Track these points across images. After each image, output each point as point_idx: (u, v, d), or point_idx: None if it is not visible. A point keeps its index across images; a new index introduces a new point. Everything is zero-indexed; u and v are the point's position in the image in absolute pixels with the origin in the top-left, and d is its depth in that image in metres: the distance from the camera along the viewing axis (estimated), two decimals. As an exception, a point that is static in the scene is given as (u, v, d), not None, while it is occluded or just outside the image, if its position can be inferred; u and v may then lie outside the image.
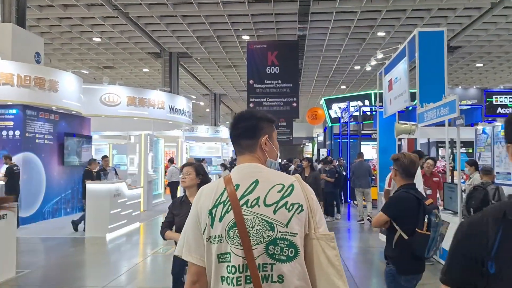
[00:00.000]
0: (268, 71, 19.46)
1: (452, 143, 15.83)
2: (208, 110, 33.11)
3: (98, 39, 20.75)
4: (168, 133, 21.78)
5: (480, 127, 10.35)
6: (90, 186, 9.49)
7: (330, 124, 21.94)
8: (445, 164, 11.63)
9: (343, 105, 20.52)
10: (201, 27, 19.02)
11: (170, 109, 14.26)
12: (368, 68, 13.30)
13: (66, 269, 7.21)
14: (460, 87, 20.03)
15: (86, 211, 9.55)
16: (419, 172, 6.98)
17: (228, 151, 28.22)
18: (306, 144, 36.30)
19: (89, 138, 13.51)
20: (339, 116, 21.66)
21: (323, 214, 2.03)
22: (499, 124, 9.81)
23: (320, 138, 27.30)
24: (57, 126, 12.23)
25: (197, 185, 3.97)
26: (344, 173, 13.67)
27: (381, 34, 19.31)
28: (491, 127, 9.79)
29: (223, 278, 1.61)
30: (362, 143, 21.79)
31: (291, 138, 29.13)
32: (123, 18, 17.70)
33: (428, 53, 7.85)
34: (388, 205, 3.63)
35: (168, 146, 21.44)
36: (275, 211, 1.63)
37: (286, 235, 1.61)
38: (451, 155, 12.45)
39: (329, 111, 21.73)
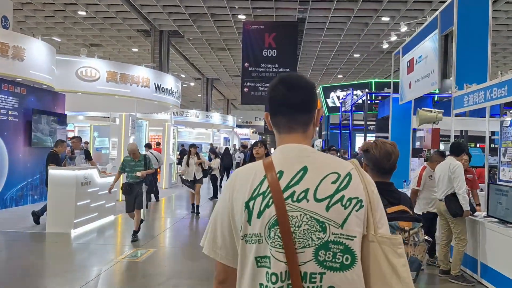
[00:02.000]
0: (265, 54, 17.75)
1: (460, 136, 14.31)
2: (199, 95, 31.27)
3: (83, 13, 18.79)
4: (155, 116, 19.98)
5: (508, 118, 8.77)
6: (53, 172, 7.74)
7: (327, 114, 20.32)
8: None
9: (342, 94, 18.88)
10: (195, 3, 17.18)
11: (156, 87, 12.46)
12: (385, 46, 11.60)
13: (14, 274, 5.53)
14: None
15: (48, 202, 7.82)
16: (460, 171, 5.38)
17: (219, 138, 26.42)
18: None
19: (63, 117, 11.68)
20: (337, 105, 20.04)
21: None
22: (534, 115, 8.25)
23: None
24: (24, 101, 10.39)
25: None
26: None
27: (385, 19, 17.64)
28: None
29: (262, 286, 1.28)
30: (356, 134, 20.29)
31: (284, 127, 27.60)
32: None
33: (468, 23, 6.20)
34: None
35: (154, 131, 19.63)
36: (328, 208, 1.26)
37: (341, 237, 1.26)
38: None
39: (327, 100, 20.09)
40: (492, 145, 17.80)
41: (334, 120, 21.35)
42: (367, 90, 11.60)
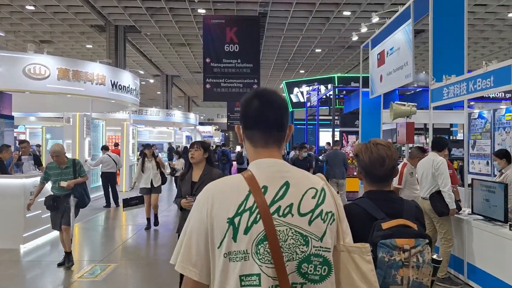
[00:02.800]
0: (227, 49, 17.10)
1: (425, 130, 14.31)
2: (159, 93, 30.17)
3: (32, 7, 17.42)
4: (113, 116, 18.91)
5: (476, 110, 8.65)
6: (-3, 181, 6.84)
7: (291, 109, 19.94)
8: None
9: (307, 89, 18.54)
10: (151, -5, 16.30)
11: (112, 85, 11.56)
12: (355, 38, 11.20)
13: None
14: (424, 72, 18.65)
15: (-8, 215, 6.91)
16: (444, 167, 5.03)
17: (181, 136, 25.54)
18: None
19: (10, 119, 10.60)
20: (301, 100, 19.71)
21: None
22: (503, 107, 8.13)
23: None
24: (-36, 102, 9.31)
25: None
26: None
27: (346, 13, 17.45)
28: (491, 110, 8.08)
29: None
30: (320, 129, 20.07)
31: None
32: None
33: (444, 12, 5.87)
34: None
35: (112, 131, 18.57)
36: (310, 222, 1.31)
37: (320, 250, 1.31)
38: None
39: (290, 95, 19.72)
40: (452, 137, 18.10)
41: (298, 116, 21.03)
42: (334, 85, 11.23)
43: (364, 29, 10.27)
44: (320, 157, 11.56)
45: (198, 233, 1.32)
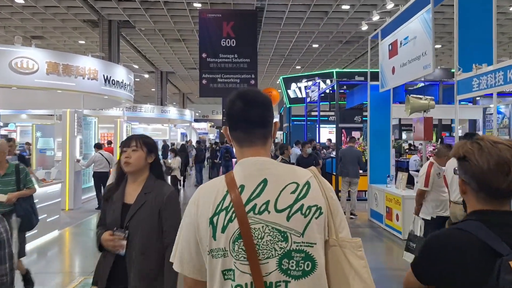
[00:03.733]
0: (223, 43, 16.37)
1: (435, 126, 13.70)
2: (153, 89, 29.34)
3: (22, 1, 16.55)
4: (106, 113, 18.11)
5: (492, 105, 8.03)
6: (-24, 184, 6.10)
7: (288, 105, 19.27)
8: (434, 149, 9.36)
9: (306, 84, 17.85)
10: (146, -11, 15.53)
11: (105, 80, 10.80)
12: (364, 28, 10.43)
13: None
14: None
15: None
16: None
17: (176, 133, 24.74)
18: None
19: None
20: (299, 96, 19.03)
21: None
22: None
23: (276, 120, 24.55)
24: None
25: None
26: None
27: (345, 7, 16.77)
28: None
29: None
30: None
31: (242, 120, 26.38)
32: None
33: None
34: (420, 256, 1.41)
35: (106, 128, 17.76)
36: (288, 218, 1.29)
37: (302, 245, 1.28)
38: (439, 140, 10.19)
39: (288, 91, 19.04)
40: (452, 134, 17.50)
41: (295, 112, 20.36)
42: (337, 79, 10.57)
43: (376, 17, 9.54)
44: (330, 155, 10.82)
45: (188, 233, 1.36)
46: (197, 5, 16.89)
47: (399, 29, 7.14)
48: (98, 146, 10.65)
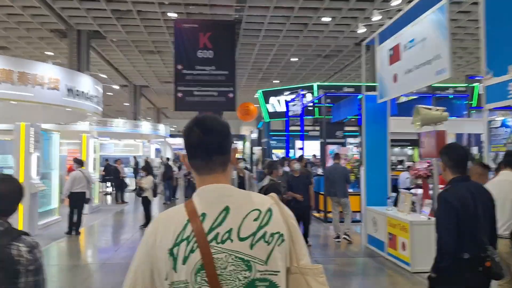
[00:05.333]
0: (200, 55, 15.28)
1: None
2: (127, 104, 27.79)
3: (-20, 8, 15.08)
4: (74, 127, 16.57)
5: (498, 118, 7.16)
6: None
7: (267, 120, 18.22)
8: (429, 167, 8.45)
9: (286, 98, 16.89)
10: (117, -3, 14.30)
11: (68, 90, 9.44)
12: (362, 30, 9.36)
13: None
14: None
15: None
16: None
17: (149, 149, 23.23)
18: (234, 142, 32.09)
19: None
20: (279, 110, 18.03)
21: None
22: (534, 113, 6.68)
23: (254, 135, 23.47)
24: None
25: None
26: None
27: (326, 19, 16.01)
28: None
29: None
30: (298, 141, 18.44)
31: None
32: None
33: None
34: None
35: (73, 144, 16.18)
36: (252, 246, 1.24)
37: (266, 274, 1.24)
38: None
39: (267, 105, 18.02)
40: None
41: (274, 127, 19.33)
42: (324, 90, 9.60)
43: (376, 17, 8.50)
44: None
45: (144, 264, 1.28)
46: (173, 15, 15.77)
47: (402, 31, 6.19)
48: (78, 162, 9.32)
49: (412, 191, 11.66)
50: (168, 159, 17.19)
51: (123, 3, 14.86)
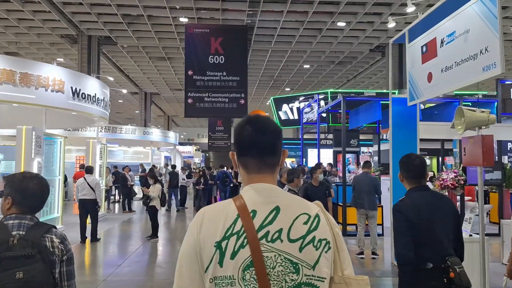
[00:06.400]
0: (211, 60, 14.68)
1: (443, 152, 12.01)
2: (137, 111, 27.31)
3: (-9, 13, 14.70)
4: (83, 134, 16.02)
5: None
6: None
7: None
8: (455, 177, 7.69)
9: (299, 105, 16.21)
10: (128, 1, 13.81)
11: (73, 93, 8.84)
12: (391, 25, 8.56)
13: None
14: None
15: None
16: None
17: (159, 157, 22.59)
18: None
19: None
20: (290, 117, 17.35)
21: None
22: None
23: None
24: None
25: None
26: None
27: (341, 24, 15.36)
28: None
29: None
30: (310, 149, 17.69)
31: (228, 144, 24.51)
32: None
33: None
34: None
35: (83, 151, 15.62)
36: (301, 249, 1.22)
37: (312, 279, 1.21)
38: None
39: (279, 112, 17.33)
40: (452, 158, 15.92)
41: (286, 135, 18.61)
42: (343, 94, 8.88)
43: (410, 8, 7.72)
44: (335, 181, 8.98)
45: (189, 257, 1.25)
46: (184, 19, 15.24)
47: (439, 25, 5.46)
48: (88, 171, 9.03)
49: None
50: (173, 166, 16.51)
51: (134, 8, 14.39)
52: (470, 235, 5.27)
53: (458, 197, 8.68)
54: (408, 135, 6.79)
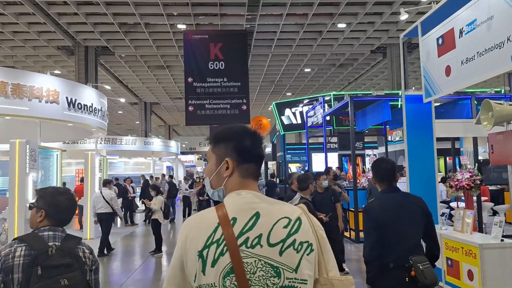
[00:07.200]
0: (211, 66, 14.28)
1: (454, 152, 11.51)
2: (138, 122, 26.91)
3: (-15, 26, 14.37)
4: (83, 147, 15.59)
5: None
6: None
7: (282, 132, 17.06)
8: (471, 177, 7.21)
9: (300, 108, 15.79)
10: (124, 9, 13.47)
11: (69, 103, 8.42)
12: (403, 17, 8.14)
13: None
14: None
15: None
16: None
17: (161, 167, 22.14)
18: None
19: None
20: (294, 122, 16.91)
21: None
22: None
23: (268, 150, 22.27)
24: None
25: None
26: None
27: (341, 25, 14.99)
28: None
29: None
30: (314, 153, 17.22)
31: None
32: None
33: None
34: None
35: (82, 164, 15.16)
36: (281, 252, 1.23)
37: (295, 282, 1.23)
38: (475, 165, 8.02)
39: (281, 117, 16.90)
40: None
41: (289, 140, 18.18)
42: (350, 95, 8.45)
43: (404, 15, 7.39)
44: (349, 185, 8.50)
45: (176, 267, 1.29)
46: (182, 26, 14.88)
47: (456, 14, 5.04)
48: (104, 184, 9.11)
49: (452, 205, 10.36)
50: (171, 176, 16.05)
51: (131, 16, 14.04)
52: (502, 240, 4.80)
53: (475, 198, 8.20)
54: (423, 135, 6.34)
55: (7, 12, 13.37)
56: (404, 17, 8.48)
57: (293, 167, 17.97)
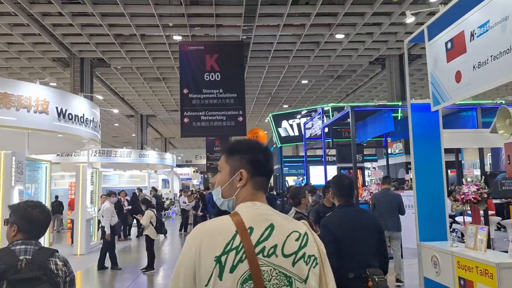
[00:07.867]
0: (207, 78, 13.97)
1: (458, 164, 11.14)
2: (134, 135, 26.48)
3: (-20, 37, 14.04)
4: (76, 159, 15.13)
5: None
6: None
7: (279, 145, 16.69)
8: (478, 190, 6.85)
9: (298, 120, 15.45)
10: (120, 20, 13.20)
11: (59, 113, 8.02)
12: (409, 20, 7.81)
13: None
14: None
15: None
16: None
17: (157, 180, 21.61)
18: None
19: None
20: (291, 134, 16.56)
21: None
22: None
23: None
24: None
25: None
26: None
27: (339, 36, 14.76)
28: None
29: None
30: (311, 166, 16.81)
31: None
32: (11, 6, 11.49)
33: None
34: None
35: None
36: (294, 263, 1.31)
37: None
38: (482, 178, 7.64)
39: (278, 129, 16.55)
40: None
41: (286, 152, 17.79)
42: (351, 106, 8.10)
43: (409, 19, 7.08)
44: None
45: (187, 269, 1.29)
46: (177, 37, 14.61)
47: (466, 16, 4.70)
48: (107, 195, 9.29)
49: (457, 219, 9.95)
50: (155, 189, 15.63)
51: (126, 27, 13.77)
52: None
53: (482, 212, 7.81)
54: (430, 146, 5.94)
55: (1, 23, 13.08)
56: (410, 20, 8.18)
57: (290, 180, 17.56)
